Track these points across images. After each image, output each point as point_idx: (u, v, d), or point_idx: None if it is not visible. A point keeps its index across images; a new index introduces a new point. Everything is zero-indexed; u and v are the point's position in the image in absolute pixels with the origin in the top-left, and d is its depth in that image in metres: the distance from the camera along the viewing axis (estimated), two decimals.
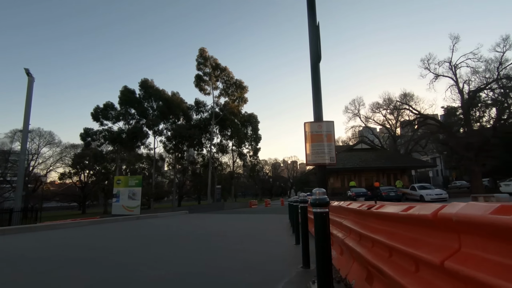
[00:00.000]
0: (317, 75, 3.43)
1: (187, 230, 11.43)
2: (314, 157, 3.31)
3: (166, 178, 50.24)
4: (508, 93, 31.19)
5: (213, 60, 40.07)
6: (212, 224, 14.11)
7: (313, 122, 3.42)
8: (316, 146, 3.33)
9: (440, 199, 25.50)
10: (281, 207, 33.40)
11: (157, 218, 18.23)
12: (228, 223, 14.41)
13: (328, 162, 3.31)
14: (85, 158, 45.73)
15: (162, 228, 12.55)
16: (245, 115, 47.32)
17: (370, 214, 2.35)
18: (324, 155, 3.32)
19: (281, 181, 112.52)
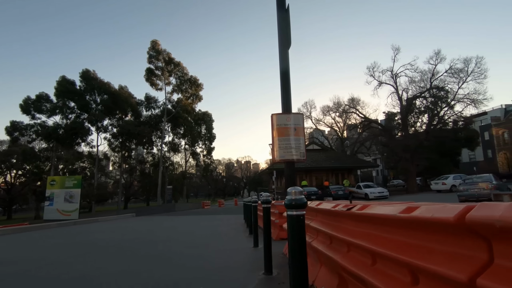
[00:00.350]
0: (286, 63, 3.12)
1: (132, 235, 10.37)
2: (282, 152, 2.97)
3: (110, 179, 46.33)
4: (437, 102, 35.18)
5: (166, 54, 37.99)
6: (161, 227, 13.13)
7: (281, 114, 3.08)
8: (284, 140, 3.00)
9: (382, 197, 27.69)
10: (235, 207, 33.10)
11: (98, 222, 16.46)
12: (179, 226, 13.56)
13: (297, 158, 3.00)
14: (12, 156, 39.90)
15: (104, 234, 11.25)
16: (199, 113, 45.86)
17: (353, 216, 2.07)
18: (292, 150, 3.00)
19: (235, 181, 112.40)
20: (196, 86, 40.17)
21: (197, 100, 41.75)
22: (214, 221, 15.20)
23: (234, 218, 16.66)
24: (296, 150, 2.99)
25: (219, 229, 11.20)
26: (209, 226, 12.78)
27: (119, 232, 11.78)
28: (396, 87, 36.16)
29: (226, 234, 9.52)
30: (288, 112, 3.08)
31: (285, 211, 6.59)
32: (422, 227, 1.28)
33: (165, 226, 13.55)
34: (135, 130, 35.61)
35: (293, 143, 3.00)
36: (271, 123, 3.08)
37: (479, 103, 30.77)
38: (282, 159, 2.91)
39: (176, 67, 38.68)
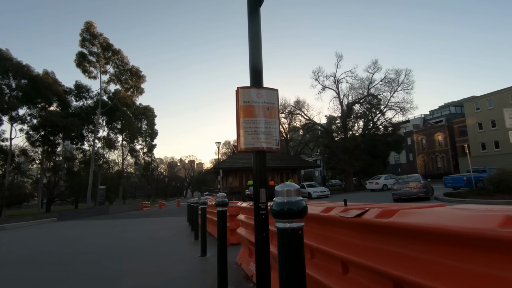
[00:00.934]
0: (257, 24, 2.38)
1: (48, 246, 8.49)
2: (249, 138, 2.23)
3: (29, 178, 39.71)
4: (372, 108, 38.42)
5: (103, 39, 33.88)
6: (88, 234, 11.23)
7: (249, 88, 2.32)
8: (252, 123, 2.26)
9: (323, 196, 28.93)
10: (178, 209, 31.20)
11: (5, 230, 13.54)
12: (111, 231, 11.79)
13: (269, 146, 2.29)
14: None
15: (13, 245, 9.04)
16: (140, 107, 42.20)
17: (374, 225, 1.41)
18: (262, 136, 2.28)
19: (177, 181, 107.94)
20: (138, 78, 36.73)
21: (138, 93, 38.25)
22: (154, 225, 13.69)
23: (176, 220, 15.33)
24: (268, 136, 2.28)
25: (159, 234, 9.93)
26: (147, 230, 11.35)
27: (28, 243, 9.64)
28: (338, 92, 38.41)
29: (167, 240, 8.37)
30: (259, 85, 2.34)
31: (237, 213, 5.86)
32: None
33: (93, 233, 11.65)
34: (61, 122, 30.88)
35: (264, 127, 2.28)
36: (236, 99, 2.31)
37: (406, 111, 34.39)
38: (250, 148, 2.16)
39: (115, 55, 34.78)
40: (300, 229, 1.17)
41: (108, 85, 36.73)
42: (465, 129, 45.46)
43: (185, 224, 12.68)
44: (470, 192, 16.57)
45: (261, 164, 2.30)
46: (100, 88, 35.28)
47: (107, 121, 39.89)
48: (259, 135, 2.24)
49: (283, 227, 1.17)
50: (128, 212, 30.36)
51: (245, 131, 2.23)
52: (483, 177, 19.32)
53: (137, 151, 44.34)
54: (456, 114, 57.74)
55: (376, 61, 34.91)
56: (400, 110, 34.45)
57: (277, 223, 1.18)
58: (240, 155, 41.00)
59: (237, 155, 40.63)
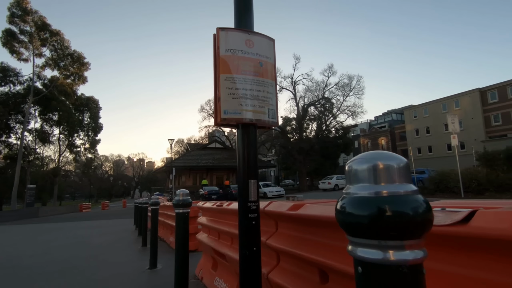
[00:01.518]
0: None
1: None
2: (233, 104, 1.47)
3: None
4: (325, 111, 39.91)
5: (38, 17, 29.35)
6: (7, 243, 9.21)
7: (236, 31, 1.56)
8: (238, 83, 1.51)
9: (279, 195, 29.04)
10: (123, 210, 28.60)
11: None
12: (35, 239, 9.88)
13: (263, 119, 1.56)
14: None
15: None
16: (83, 97, 37.72)
17: None
18: (252, 102, 1.55)
19: (124, 180, 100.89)
20: (80, 65, 32.58)
21: (80, 81, 33.98)
22: (93, 229, 11.94)
23: (121, 223, 13.66)
24: (261, 103, 1.55)
25: (98, 241, 8.48)
26: (83, 236, 9.73)
27: None
28: (294, 94, 39.11)
29: (108, 248, 7.08)
30: (249, 29, 1.60)
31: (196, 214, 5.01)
32: None
33: (10, 242, 9.62)
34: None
35: (256, 90, 1.53)
36: (214, 47, 1.55)
37: (356, 115, 36.34)
38: (232, 119, 1.41)
39: (54, 37, 30.36)
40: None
41: (43, 70, 32.08)
42: (404, 134, 49.85)
43: (131, 228, 11.26)
44: None
45: (249, 143, 1.55)
46: (32, 73, 30.59)
47: (41, 111, 34.95)
48: (246, 100, 1.49)
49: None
50: (64, 215, 26.87)
51: (227, 93, 1.47)
52: (423, 178, 21.07)
53: (78, 147, 39.72)
54: (397, 120, 63.11)
55: (331, 65, 36.32)
56: (351, 114, 36.28)
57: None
58: (193, 153, 39.29)
59: (191, 154, 38.87)
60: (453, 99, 41.72)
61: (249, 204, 1.41)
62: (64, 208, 32.42)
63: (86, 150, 41.08)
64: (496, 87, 37.37)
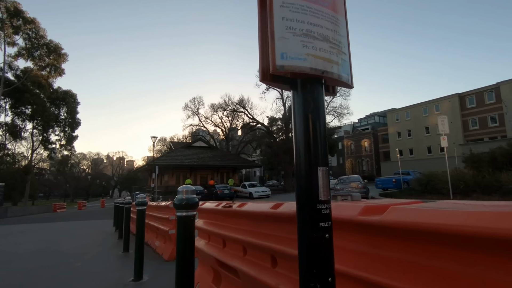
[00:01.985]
0: None
1: None
2: (297, 46, 0.87)
3: None
4: None
5: (11, 3, 27.28)
6: None
7: None
8: (303, 11, 0.91)
9: (265, 196, 28.62)
10: (101, 210, 27.20)
11: None
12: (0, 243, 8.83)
13: (337, 73, 0.97)
14: None
15: None
16: (59, 91, 35.57)
17: None
18: (328, 46, 0.95)
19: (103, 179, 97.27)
20: (57, 55, 30.62)
21: (57, 73, 31.95)
22: (67, 231, 10.94)
23: (99, 225, 12.69)
24: (335, 48, 0.95)
25: (73, 244, 7.62)
26: (54, 240, 8.79)
27: None
28: (281, 93, 38.78)
29: (84, 253, 6.26)
30: None
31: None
32: None
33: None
34: None
35: (327, 28, 0.94)
36: None
37: (342, 116, 36.51)
38: (295, 66, 0.80)
39: (28, 24, 28.37)
40: None
41: (16, 60, 29.98)
42: (387, 136, 50.82)
43: (110, 230, 10.38)
44: (401, 192, 17.78)
45: (316, 108, 0.98)
46: (3, 63, 28.50)
47: (12, 104, 32.67)
48: (314, 41, 0.95)
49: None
50: (35, 215, 25.17)
51: (286, 27, 0.91)
52: (409, 179, 21.28)
53: (53, 143, 37.50)
54: (380, 123, 64.33)
55: None
56: (337, 115, 36.40)
57: None
58: (177, 152, 38.15)
59: (174, 152, 37.67)
60: (433, 103, 42.91)
61: (320, 206, 0.86)
62: (37, 208, 30.47)
63: (62, 146, 38.89)
64: (474, 92, 38.74)
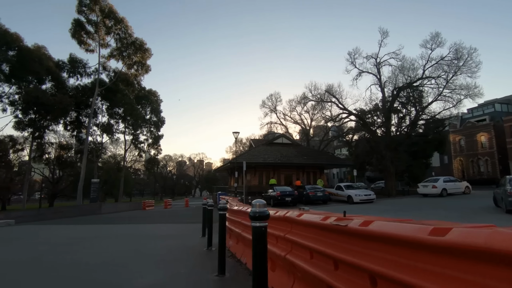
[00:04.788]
0: None
1: None
2: None
3: (18, 168, 34.81)
4: (420, 98, 31.85)
5: (106, 5, 28.48)
6: (38, 253, 5.55)
7: None
8: None
9: (368, 200, 22.79)
10: (185, 210, 25.58)
11: None
12: (80, 247, 6.05)
13: None
14: None
15: None
16: (144, 89, 36.67)
17: None
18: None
19: (186, 179, 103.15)
20: (142, 52, 31.18)
21: (143, 70, 32.68)
22: (151, 234, 7.94)
23: (184, 231, 9.55)
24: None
25: (152, 251, 4.07)
26: (138, 244, 5.55)
27: None
28: (379, 78, 32.11)
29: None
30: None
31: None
32: None
33: (48, 249, 5.95)
34: (49, 101, 25.57)
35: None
36: None
37: (474, 97, 27.78)
38: None
39: (118, 24, 29.33)
40: None
41: (108, 61, 31.46)
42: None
43: (197, 237, 6.87)
44: None
45: None
46: (98, 63, 29.99)
47: (109, 107, 34.73)
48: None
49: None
50: (127, 212, 24.89)
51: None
52: None
53: (141, 142, 38.96)
54: (502, 112, 50.65)
55: (437, 34, 28.28)
56: (466, 96, 27.85)
57: None
58: (258, 149, 35.16)
59: (256, 150, 34.76)
60: None
61: None
62: (128, 205, 31.07)
63: (150, 146, 40.14)
64: None
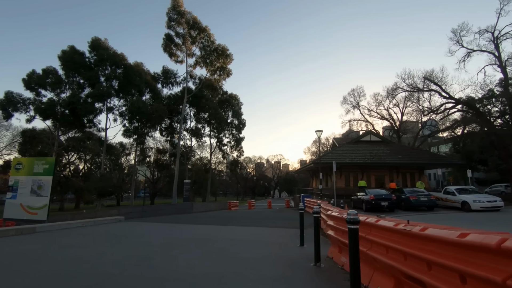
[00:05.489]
0: None
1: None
2: None
3: (126, 171, 40.65)
4: None
5: (191, 17, 30.81)
6: (132, 253, 5.49)
7: None
8: None
9: (493, 208, 18.00)
10: (270, 212, 25.03)
11: (70, 229, 9.60)
12: (182, 250, 5.77)
13: None
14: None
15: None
16: (226, 94, 38.33)
17: None
18: None
19: (265, 181, 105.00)
20: (224, 57, 32.58)
21: (225, 74, 34.11)
22: (240, 238, 7.27)
23: (277, 234, 8.62)
24: None
25: (248, 263, 3.14)
26: (229, 251, 4.83)
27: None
28: (498, 55, 25.76)
29: None
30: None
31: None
32: None
33: (141, 250, 5.86)
34: (147, 109, 28.95)
35: None
36: None
37: None
38: None
39: (201, 33, 31.39)
40: None
41: (194, 69, 33.87)
42: None
43: (297, 252, 5.74)
44: None
45: None
46: (186, 72, 32.55)
47: (195, 112, 37.44)
48: None
49: None
50: (213, 212, 25.87)
51: None
52: None
53: (225, 145, 40.78)
54: None
55: None
56: None
57: None
58: (343, 148, 32.46)
59: (340, 149, 32.19)
60: None
61: None
62: (215, 205, 32.54)
63: (232, 148, 41.65)
64: None
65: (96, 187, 27.35)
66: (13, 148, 44.67)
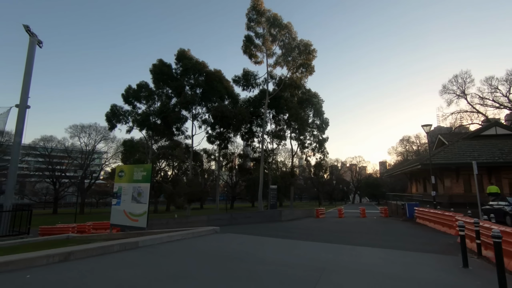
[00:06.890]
0: None
1: None
2: None
3: (210, 175, 41.79)
4: None
5: (271, 15, 29.49)
6: None
7: None
8: None
9: None
10: (369, 222, 21.29)
11: (171, 243, 8.60)
12: None
13: None
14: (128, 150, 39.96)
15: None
16: (309, 92, 35.80)
17: None
18: None
19: (343, 185, 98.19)
20: (307, 54, 30.09)
21: (308, 72, 31.63)
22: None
23: (414, 262, 5.63)
24: None
25: None
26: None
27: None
28: None
29: None
30: None
31: None
32: None
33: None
34: (230, 113, 28.74)
35: None
36: None
37: None
38: None
39: (282, 31, 29.75)
40: None
41: (274, 68, 32.43)
42: None
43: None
44: None
45: None
46: (266, 73, 31.37)
47: (274, 115, 36.03)
48: None
49: None
50: (302, 221, 23.51)
51: None
52: None
53: (306, 147, 38.18)
54: None
55: None
56: None
57: None
58: (458, 145, 26.36)
59: (454, 146, 26.20)
60: None
61: None
62: (301, 212, 30.14)
63: (314, 150, 38.75)
64: None
65: (186, 192, 28.27)
66: (117, 158, 51.18)
